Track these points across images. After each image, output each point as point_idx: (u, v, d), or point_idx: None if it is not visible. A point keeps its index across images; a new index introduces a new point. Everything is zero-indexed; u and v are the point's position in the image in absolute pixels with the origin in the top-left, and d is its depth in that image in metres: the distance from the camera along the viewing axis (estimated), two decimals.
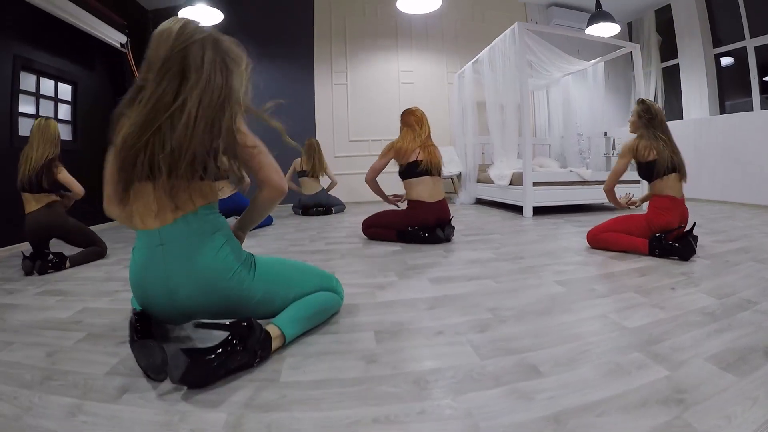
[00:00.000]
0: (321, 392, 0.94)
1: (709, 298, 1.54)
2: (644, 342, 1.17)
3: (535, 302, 1.52)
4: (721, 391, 0.92)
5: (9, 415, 0.91)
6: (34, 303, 1.77)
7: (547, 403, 0.87)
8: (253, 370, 1.05)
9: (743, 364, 1.03)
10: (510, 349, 1.13)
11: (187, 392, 0.95)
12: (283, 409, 0.87)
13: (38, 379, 1.07)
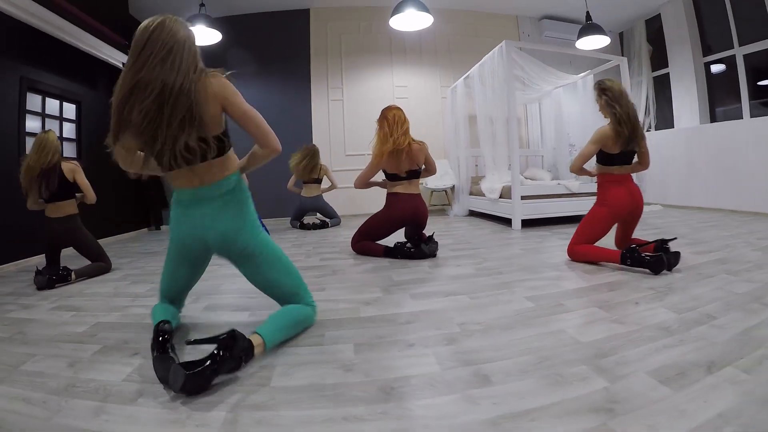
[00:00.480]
0: (303, 395, 1.15)
1: (669, 313, 1.68)
2: (593, 356, 1.32)
3: (502, 317, 1.70)
4: (653, 402, 1.05)
5: (41, 417, 1.11)
6: (50, 318, 1.97)
7: (489, 409, 1.04)
8: (248, 376, 1.26)
9: (682, 379, 1.16)
10: (469, 361, 1.32)
11: (192, 396, 1.16)
12: (270, 409, 1.08)
13: (63, 386, 1.27)
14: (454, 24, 6.64)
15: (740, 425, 0.94)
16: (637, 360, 1.29)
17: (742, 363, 1.24)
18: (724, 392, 1.08)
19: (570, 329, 1.55)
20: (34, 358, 1.50)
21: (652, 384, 1.14)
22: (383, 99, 6.39)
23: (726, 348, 1.35)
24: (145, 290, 2.40)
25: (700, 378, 1.17)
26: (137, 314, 1.96)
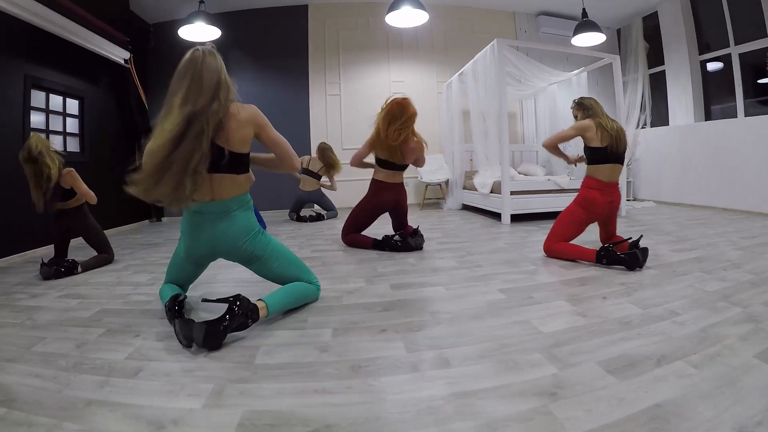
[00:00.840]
0: (282, 371, 1.32)
1: (634, 308, 1.79)
2: (550, 345, 1.44)
3: (473, 308, 1.87)
4: (596, 390, 1.15)
5: (53, 389, 1.28)
6: (57, 305, 2.15)
7: (443, 387, 1.20)
8: (235, 356, 1.43)
9: (630, 370, 1.26)
10: (433, 346, 1.48)
11: (186, 369, 1.33)
12: (252, 382, 1.25)
13: (71, 364, 1.44)
14: (451, 20, 6.76)
15: (675, 415, 1.04)
16: (590, 350, 1.41)
17: (694, 358, 1.33)
18: (668, 384, 1.18)
19: (534, 320, 1.69)
20: (44, 340, 1.67)
21: (600, 373, 1.25)
22: (380, 94, 6.50)
23: (681, 343, 1.44)
24: (146, 279, 2.57)
25: (647, 370, 1.27)
26: (139, 301, 2.14)
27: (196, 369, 1.35)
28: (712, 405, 1.08)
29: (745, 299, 1.87)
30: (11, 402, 1.19)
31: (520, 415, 1.05)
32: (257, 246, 1.81)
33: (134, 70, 5.24)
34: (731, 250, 2.85)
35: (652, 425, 1.00)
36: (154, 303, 2.10)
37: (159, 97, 5.57)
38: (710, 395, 1.13)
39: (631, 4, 6.64)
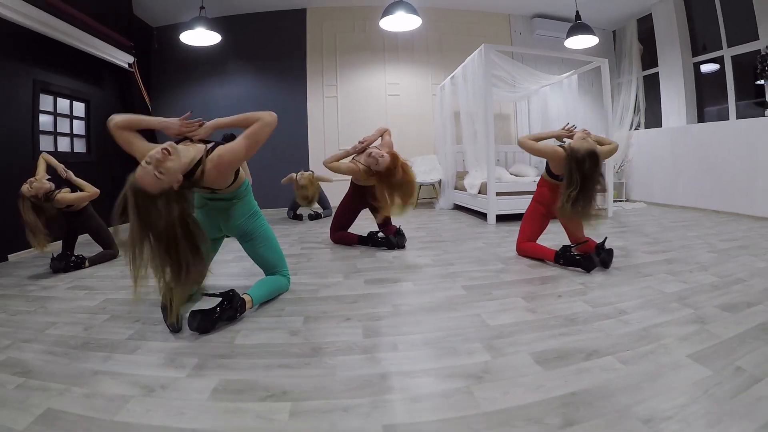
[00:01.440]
0: (256, 350, 1.60)
1: (585, 306, 1.95)
2: (492, 336, 1.64)
3: (433, 302, 2.12)
4: (519, 376, 1.32)
5: (63, 363, 1.56)
6: (66, 295, 2.45)
7: (385, 366, 1.44)
8: (218, 337, 1.71)
9: (558, 361, 1.42)
10: (387, 333, 1.74)
11: (176, 347, 1.61)
12: (230, 358, 1.53)
13: (80, 343, 1.73)
14: (446, 23, 6.99)
15: (586, 404, 1.18)
16: (527, 343, 1.59)
17: (625, 355, 1.47)
18: (590, 376, 1.33)
19: (485, 314, 1.91)
20: (55, 324, 1.96)
21: (528, 362, 1.43)
22: (376, 96, 6.82)
23: (618, 340, 1.59)
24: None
25: (575, 363, 1.42)
26: (140, 292, 2.42)
27: (185, 347, 1.63)
28: (628, 397, 1.21)
29: (700, 301, 2.00)
30: (28, 373, 1.47)
31: (443, 392, 1.27)
32: (255, 227, 2.18)
33: (138, 74, 5.54)
34: (705, 253, 2.99)
35: (561, 410, 1.16)
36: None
37: (162, 99, 6.01)
38: (628, 389, 1.26)
39: (625, 6, 6.81)
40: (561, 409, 1.17)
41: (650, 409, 1.17)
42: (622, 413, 1.14)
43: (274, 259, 2.27)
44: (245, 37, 6.49)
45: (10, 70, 3.86)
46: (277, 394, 1.28)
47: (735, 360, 1.42)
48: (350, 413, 1.17)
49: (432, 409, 1.19)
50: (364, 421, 1.13)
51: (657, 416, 1.13)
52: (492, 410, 1.18)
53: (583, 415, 1.14)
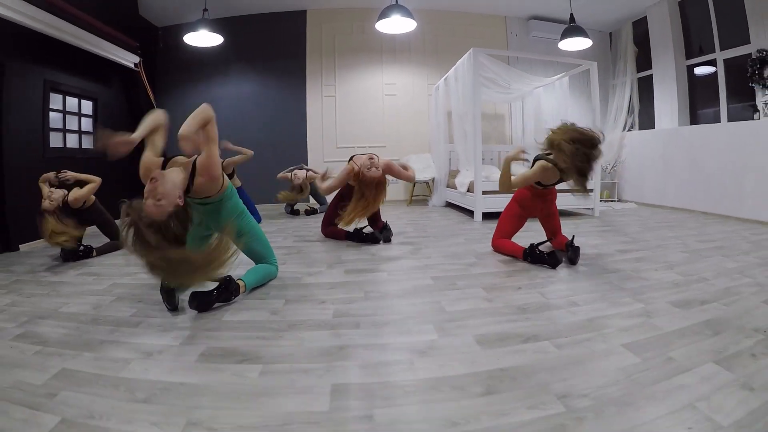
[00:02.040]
0: (240, 325, 1.89)
1: (539, 298, 2.16)
2: (445, 320, 1.88)
3: (399, 290, 2.39)
4: (458, 353, 1.55)
5: (75, 335, 1.86)
6: (76, 281, 2.76)
7: (344, 340, 1.72)
8: (209, 314, 2.01)
9: (498, 342, 1.64)
10: (354, 314, 2.01)
11: (172, 322, 1.91)
12: (216, 330, 1.83)
13: (89, 319, 2.03)
14: (443, 24, 7.25)
15: (511, 378, 1.38)
16: (474, 326, 1.81)
17: (562, 341, 1.64)
18: (522, 356, 1.52)
19: (444, 301, 2.17)
20: (67, 304, 2.27)
21: (470, 342, 1.65)
22: (373, 96, 7.10)
23: (559, 328, 1.76)
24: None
25: (513, 345, 1.62)
26: (144, 277, 2.71)
27: (181, 322, 1.94)
28: (551, 376, 1.38)
29: (655, 297, 2.15)
30: (45, 342, 1.77)
31: (388, 362, 1.53)
32: (241, 224, 2.40)
33: (143, 73, 5.86)
34: (678, 253, 3.15)
35: (486, 382, 1.36)
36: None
37: (167, 97, 6.32)
38: (554, 369, 1.43)
39: (621, 9, 6.99)
40: (486, 381, 1.38)
41: (569, 387, 1.33)
42: (541, 388, 1.32)
43: (263, 250, 2.57)
44: (247, 38, 6.79)
45: (23, 71, 4.17)
46: (252, 358, 1.57)
47: (668, 351, 1.56)
48: (308, 374, 1.46)
49: (376, 374, 1.45)
50: (318, 380, 1.41)
51: (573, 393, 1.29)
52: (425, 377, 1.42)
53: (503, 387, 1.34)
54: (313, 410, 1.24)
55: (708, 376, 1.39)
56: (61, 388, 1.38)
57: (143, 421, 1.20)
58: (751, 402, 1.23)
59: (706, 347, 1.59)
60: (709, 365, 1.45)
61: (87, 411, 1.24)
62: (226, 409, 1.25)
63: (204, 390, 1.35)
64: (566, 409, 1.22)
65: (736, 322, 1.84)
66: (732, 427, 1.13)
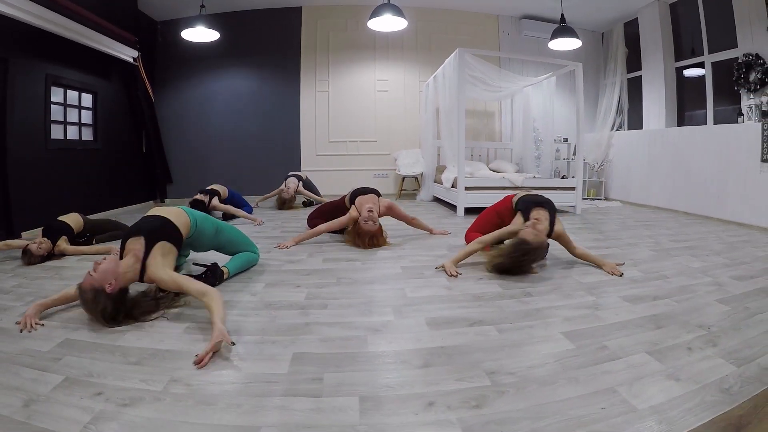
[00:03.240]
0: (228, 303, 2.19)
1: (497, 288, 2.38)
2: (404, 305, 2.15)
3: (371, 277, 2.68)
4: (408, 333, 1.80)
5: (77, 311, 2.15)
6: (77, 265, 3.05)
7: (312, 318, 2.01)
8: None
9: (446, 325, 1.87)
10: (323, 297, 2.31)
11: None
12: (201, 309, 2.12)
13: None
14: (436, 23, 7.49)
15: (447, 355, 1.59)
16: (429, 311, 2.05)
17: (505, 326, 1.84)
18: (464, 338, 1.73)
19: (407, 288, 2.45)
20: (69, 286, 2.47)
21: (421, 323, 1.91)
22: (366, 92, 7.37)
23: (507, 315, 1.97)
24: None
25: (458, 327, 1.84)
26: None
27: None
28: (485, 355, 1.58)
29: (607, 292, 2.31)
30: (50, 318, 2.06)
31: (345, 337, 1.80)
32: (220, 238, 2.70)
33: (142, 67, 6.13)
34: (646, 251, 3.32)
35: (425, 357, 1.59)
36: None
37: (166, 90, 6.62)
38: (490, 350, 1.63)
39: (614, 10, 7.17)
40: (426, 356, 1.61)
41: (499, 365, 1.51)
42: (473, 365, 1.53)
43: (245, 244, 2.88)
44: (243, 34, 7.05)
45: (26, 66, 4.42)
46: (229, 331, 1.85)
47: (604, 341, 1.70)
48: (275, 344, 1.75)
49: (332, 346, 1.73)
50: (283, 350, 1.70)
51: (501, 371, 1.48)
52: (374, 351, 1.68)
53: (439, 361, 1.56)
54: (274, 372, 1.52)
55: (636, 364, 1.52)
56: (64, 354, 1.66)
57: (134, 378, 1.49)
58: (674, 391, 1.35)
59: (644, 339, 1.74)
60: (640, 355, 1.59)
61: (87, 371, 1.53)
62: (202, 370, 1.54)
63: (186, 355, 1.64)
64: (492, 383, 1.41)
65: (682, 317, 1.97)
66: (647, 411, 1.25)
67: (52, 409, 1.28)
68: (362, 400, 1.34)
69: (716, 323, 1.93)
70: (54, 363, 1.58)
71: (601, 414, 1.25)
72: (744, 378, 1.45)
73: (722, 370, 1.50)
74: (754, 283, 2.55)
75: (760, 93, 5.03)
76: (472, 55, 5.37)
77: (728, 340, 1.74)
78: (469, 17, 7.55)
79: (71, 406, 1.30)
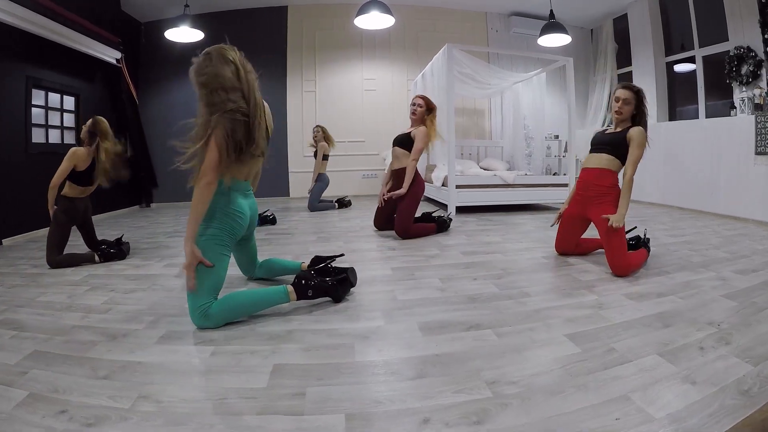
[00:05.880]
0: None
1: (493, 288, 2.27)
2: (394, 308, 2.00)
3: (358, 280, 2.39)
4: (399, 339, 1.66)
5: (50, 321, 2.00)
6: (55, 272, 2.88)
7: (295, 325, 1.86)
8: (176, 300, 2.16)
9: (440, 330, 1.73)
10: (306, 302, 2.12)
11: (139, 310, 2.06)
12: (178, 316, 1.98)
13: (64, 307, 2.16)
14: (423, 20, 7.39)
15: (443, 364, 1.45)
16: (421, 314, 1.91)
17: (505, 329, 1.71)
18: (460, 343, 1.60)
19: (397, 290, 2.30)
20: (44, 294, 2.40)
21: (413, 329, 1.76)
22: (353, 91, 7.25)
23: (505, 317, 1.85)
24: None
25: (454, 332, 1.70)
26: (117, 268, 2.91)
27: (146, 310, 2.09)
28: (484, 363, 1.44)
29: (610, 289, 2.22)
30: (21, 328, 1.91)
31: (330, 345, 1.65)
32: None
33: (125, 69, 5.96)
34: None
35: (419, 366, 1.45)
36: (128, 270, 2.87)
37: (150, 92, 6.43)
38: (489, 356, 1.49)
39: (602, 6, 7.13)
40: (420, 365, 1.45)
41: (500, 374, 1.38)
42: (472, 374, 1.38)
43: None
44: (228, 34, 6.73)
45: (4, 67, 4.25)
46: (206, 341, 1.73)
47: (611, 342, 1.59)
48: (255, 355, 1.59)
49: (316, 356, 1.57)
50: (262, 361, 1.53)
51: (502, 380, 1.34)
52: (362, 361, 1.52)
53: (434, 371, 1.41)
54: (252, 387, 1.38)
55: (648, 368, 1.41)
56: (31, 367, 1.52)
57: (101, 395, 1.34)
58: (691, 395, 1.24)
59: (653, 339, 1.63)
60: (651, 357, 1.48)
61: (52, 386, 1.39)
62: (174, 384, 1.40)
63: (158, 368, 1.50)
64: (493, 395, 1.28)
65: (689, 314, 1.87)
66: (665, 419, 1.14)
67: (11, 429, 1.16)
68: (348, 418, 1.20)
69: (725, 320, 1.82)
70: (20, 377, 1.45)
71: (616, 425, 1.13)
72: (763, 377, 1.33)
73: (739, 369, 1.39)
74: (758, 276, 2.45)
75: (752, 86, 4.97)
76: (460, 50, 5.25)
77: (740, 338, 1.63)
78: (457, 14, 7.46)
79: (32, 426, 1.17)
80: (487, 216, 4.97)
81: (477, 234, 3.95)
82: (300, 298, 2.03)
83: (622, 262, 2.51)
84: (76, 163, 3.14)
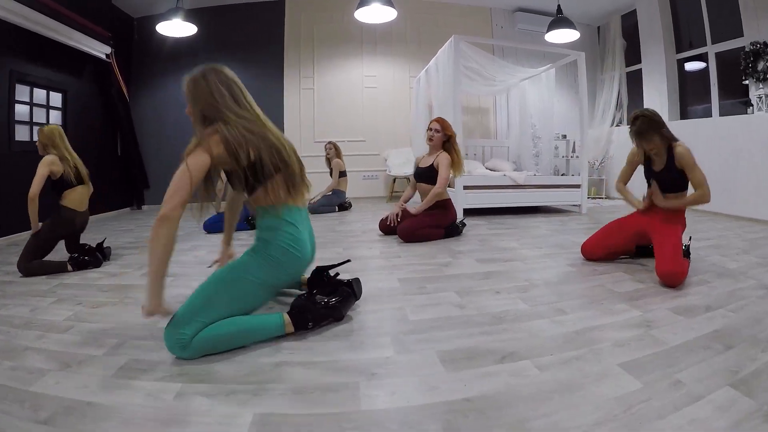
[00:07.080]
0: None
1: (520, 304, 1.95)
2: (405, 332, 1.68)
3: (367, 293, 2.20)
4: (414, 376, 1.33)
5: (2, 340, 1.72)
6: (25, 281, 2.61)
7: (285, 356, 1.55)
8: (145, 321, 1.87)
9: (467, 362, 1.41)
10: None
11: (103, 329, 1.78)
12: (145, 340, 1.69)
13: (23, 323, 1.89)
14: (426, 15, 7.11)
15: (478, 412, 1.13)
16: (439, 340, 1.59)
17: (546, 360, 1.40)
18: (495, 381, 1.28)
19: (408, 308, 2.03)
20: (6, 306, 2.13)
21: (432, 361, 1.43)
22: (353, 89, 6.97)
23: (544, 343, 1.54)
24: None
25: (484, 365, 1.38)
26: (90, 278, 2.62)
27: (110, 329, 1.80)
28: (529, 409, 1.13)
29: (653, 303, 1.94)
30: None
31: (329, 386, 1.31)
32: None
33: (115, 64, 5.67)
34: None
35: (446, 416, 1.11)
36: (103, 279, 2.60)
37: (142, 89, 6.15)
38: (534, 399, 1.18)
39: (610, 2, 6.89)
40: (447, 414, 1.12)
41: (552, 425, 1.07)
42: (516, 427, 1.07)
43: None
44: (223, 28, 6.60)
45: None
46: (173, 375, 1.41)
47: (674, 372, 1.32)
48: (230, 399, 1.26)
49: (308, 402, 1.23)
50: (239, 408, 1.21)
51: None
52: (370, 409, 1.18)
53: (468, 424, 1.08)
54: None
55: (725, 404, 1.15)
56: None
57: None
58: None
59: (719, 366, 1.36)
60: (724, 390, 1.22)
61: None
62: None
63: (109, 413, 1.20)
64: None
65: (747, 331, 1.62)
66: None
67: None
68: None
69: None
70: None
71: None
72: None
73: None
74: None
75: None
76: (467, 43, 4.96)
77: None
78: (461, 9, 7.18)
79: None
80: (498, 219, 4.68)
81: (490, 239, 3.65)
82: (299, 329, 1.70)
83: (678, 268, 2.22)
84: (52, 169, 2.89)
